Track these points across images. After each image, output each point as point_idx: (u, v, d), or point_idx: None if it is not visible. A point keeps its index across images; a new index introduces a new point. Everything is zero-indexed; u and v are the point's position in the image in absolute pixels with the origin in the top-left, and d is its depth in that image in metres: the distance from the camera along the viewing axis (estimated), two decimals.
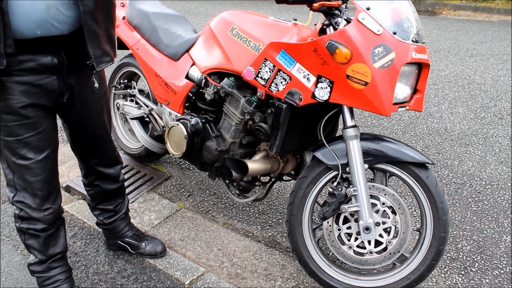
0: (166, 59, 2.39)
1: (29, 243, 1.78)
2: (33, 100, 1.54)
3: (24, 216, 1.70)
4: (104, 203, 2.05)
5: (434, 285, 2.03)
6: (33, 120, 1.56)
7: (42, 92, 1.55)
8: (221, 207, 2.56)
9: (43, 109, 1.58)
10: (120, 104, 2.76)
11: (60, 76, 1.58)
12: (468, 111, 3.80)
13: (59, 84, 1.58)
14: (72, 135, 1.84)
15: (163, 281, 2.01)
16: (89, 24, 1.52)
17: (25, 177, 1.62)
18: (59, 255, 1.83)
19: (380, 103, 1.62)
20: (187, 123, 2.13)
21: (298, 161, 2.13)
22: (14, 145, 1.57)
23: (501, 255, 2.21)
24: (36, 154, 1.60)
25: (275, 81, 1.80)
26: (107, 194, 2.02)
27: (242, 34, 1.98)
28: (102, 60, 1.61)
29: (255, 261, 2.17)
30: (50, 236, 1.78)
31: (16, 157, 1.59)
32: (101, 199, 2.03)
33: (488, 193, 2.69)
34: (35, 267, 1.83)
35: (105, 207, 2.05)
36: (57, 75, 1.57)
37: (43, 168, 1.63)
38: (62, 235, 1.84)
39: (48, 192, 1.68)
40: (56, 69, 1.55)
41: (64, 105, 1.65)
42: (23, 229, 1.74)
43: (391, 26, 1.63)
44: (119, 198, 2.07)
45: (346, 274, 1.91)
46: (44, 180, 1.65)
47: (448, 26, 6.70)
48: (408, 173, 1.78)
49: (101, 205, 2.05)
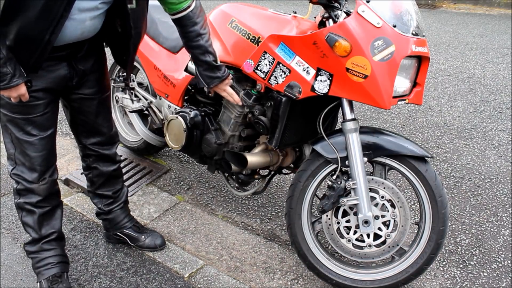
0: (165, 51, 2.39)
1: (25, 221, 1.85)
2: (45, 84, 1.63)
3: (21, 189, 1.79)
4: (103, 187, 2.07)
5: (432, 278, 2.04)
6: (43, 102, 1.66)
7: (54, 78, 1.64)
8: (220, 200, 2.56)
9: (51, 92, 1.68)
10: (119, 97, 2.75)
11: (70, 62, 1.67)
12: (467, 105, 3.79)
13: (69, 70, 1.68)
14: (72, 113, 1.88)
15: (163, 274, 2.02)
16: (132, 55, 1.76)
17: (26, 152, 1.71)
18: (52, 236, 1.88)
19: (380, 96, 1.62)
20: (186, 116, 2.13)
21: (297, 154, 2.13)
22: (21, 121, 1.66)
23: (499, 248, 2.22)
24: (41, 131, 1.70)
25: (274, 74, 1.80)
26: (106, 177, 2.04)
27: (241, 27, 1.97)
28: None
29: (254, 254, 2.17)
30: (45, 214, 1.85)
31: (22, 133, 1.68)
32: (99, 183, 2.06)
33: (487, 187, 2.69)
34: (29, 247, 1.90)
35: (104, 193, 2.08)
36: (68, 61, 1.66)
37: (45, 145, 1.73)
38: (57, 217, 1.90)
39: (46, 168, 1.77)
40: (66, 58, 1.65)
41: (72, 87, 1.74)
42: (20, 204, 1.82)
43: (391, 19, 1.63)
44: (117, 184, 2.10)
45: (345, 267, 1.92)
46: (44, 156, 1.74)
47: (448, 19, 6.67)
48: (407, 167, 1.78)
49: (100, 190, 2.08)
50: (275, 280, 2.02)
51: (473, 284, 2.01)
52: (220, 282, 1.97)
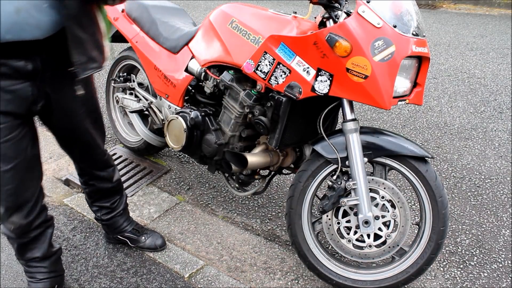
0: (165, 52, 2.39)
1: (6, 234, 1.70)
2: (3, 106, 1.42)
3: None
4: (101, 200, 2.03)
5: (433, 279, 2.03)
6: (1, 127, 1.44)
7: (13, 99, 1.43)
8: (220, 201, 2.56)
9: (13, 116, 1.46)
10: (120, 97, 2.76)
11: (34, 82, 1.45)
12: (467, 105, 3.79)
13: (32, 91, 1.46)
14: (58, 140, 1.76)
15: (163, 274, 2.02)
16: (73, 28, 1.39)
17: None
18: (35, 260, 1.75)
19: (380, 97, 1.62)
20: (186, 116, 2.13)
21: (297, 154, 2.13)
22: None
23: (499, 249, 2.21)
24: (3, 163, 1.49)
25: (274, 74, 1.80)
26: (103, 193, 2.00)
27: (241, 27, 1.97)
28: (88, 66, 1.47)
29: (254, 254, 2.17)
30: (27, 243, 1.70)
31: None
32: (97, 197, 2.02)
33: (487, 187, 2.69)
34: (16, 255, 1.78)
35: (102, 205, 2.04)
36: (31, 81, 1.44)
37: (9, 179, 1.51)
38: (43, 240, 1.74)
39: (14, 205, 1.57)
40: (30, 75, 1.43)
41: (40, 112, 1.55)
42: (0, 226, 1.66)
43: (391, 19, 1.63)
44: (116, 195, 2.06)
45: (345, 267, 1.92)
46: (10, 192, 1.53)
47: (448, 19, 6.67)
48: (407, 167, 1.78)
49: (98, 202, 2.04)
50: (275, 280, 2.02)
51: (474, 284, 2.01)
52: (220, 282, 1.97)
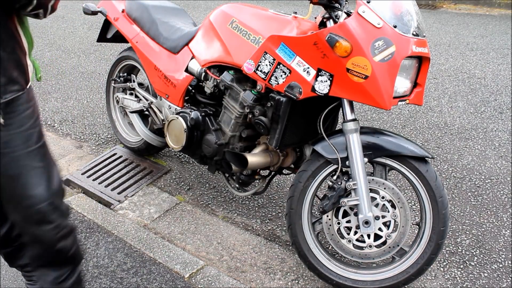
0: (165, 52, 2.39)
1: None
2: None
3: None
4: None
5: (433, 279, 2.03)
6: None
7: None
8: (220, 201, 2.56)
9: None
10: (120, 98, 2.76)
11: None
12: (468, 105, 3.79)
13: None
14: None
15: (163, 274, 2.02)
16: None
17: None
18: (25, 266, 1.58)
19: (380, 97, 1.62)
20: (186, 116, 2.13)
21: (297, 154, 2.13)
22: None
23: (500, 249, 2.21)
24: None
25: (275, 74, 1.80)
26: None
27: (241, 27, 1.97)
28: (8, 89, 1.22)
29: (254, 254, 2.17)
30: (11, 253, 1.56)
31: None
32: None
33: (487, 188, 2.69)
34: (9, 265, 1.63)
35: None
36: None
37: None
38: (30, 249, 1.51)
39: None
40: None
41: None
42: None
43: (391, 19, 1.63)
44: None
45: (345, 267, 1.92)
46: None
47: (449, 20, 6.67)
48: (407, 167, 1.78)
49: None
50: (276, 280, 2.02)
51: (474, 284, 2.01)
52: (220, 282, 1.97)
